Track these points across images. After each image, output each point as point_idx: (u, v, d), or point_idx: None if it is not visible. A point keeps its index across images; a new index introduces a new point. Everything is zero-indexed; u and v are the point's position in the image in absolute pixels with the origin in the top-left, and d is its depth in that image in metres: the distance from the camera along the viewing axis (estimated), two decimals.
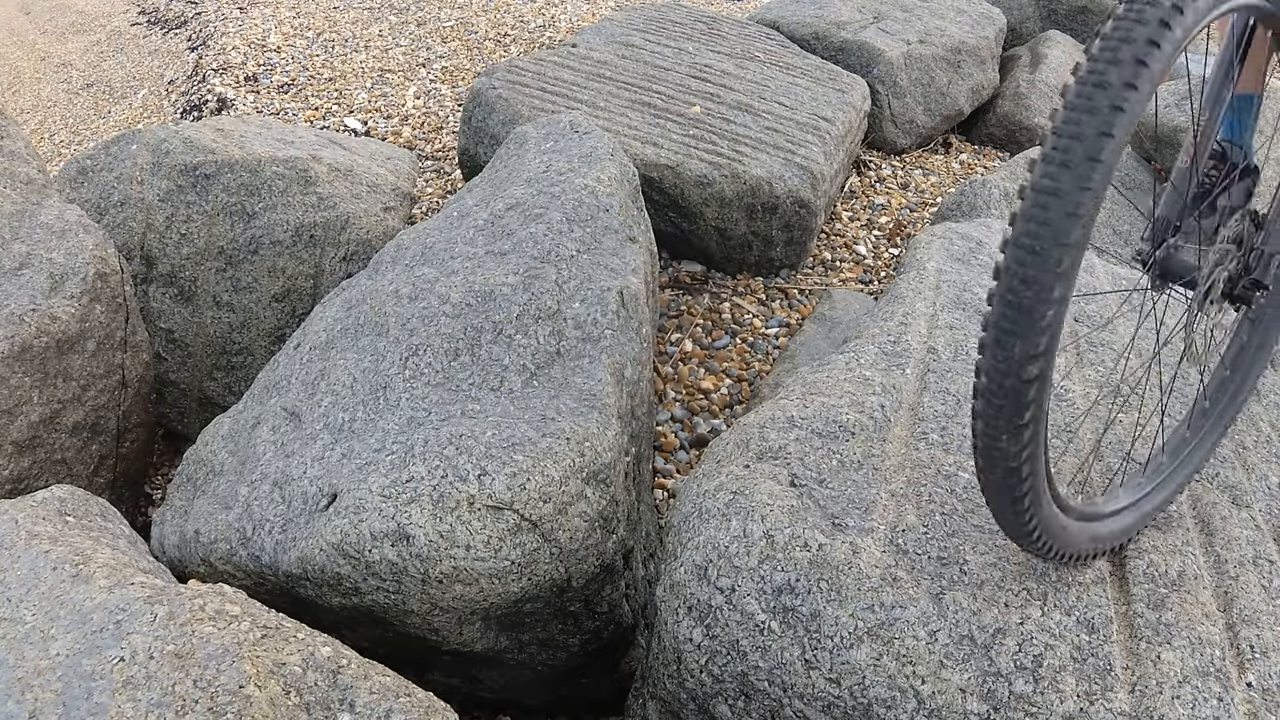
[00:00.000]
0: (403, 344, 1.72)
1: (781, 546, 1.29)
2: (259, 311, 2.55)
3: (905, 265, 2.13)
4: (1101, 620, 1.21)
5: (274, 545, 1.53)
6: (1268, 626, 1.24)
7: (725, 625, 1.27)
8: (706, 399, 2.38)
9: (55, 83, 5.75)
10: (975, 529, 1.33)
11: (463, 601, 1.45)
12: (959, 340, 1.75)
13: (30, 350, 1.94)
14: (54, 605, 1.23)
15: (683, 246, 2.81)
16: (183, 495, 1.75)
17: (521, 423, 1.52)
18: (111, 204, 2.61)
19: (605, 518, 1.51)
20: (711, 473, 1.46)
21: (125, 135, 2.74)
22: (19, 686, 1.13)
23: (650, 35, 3.47)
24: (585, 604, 1.56)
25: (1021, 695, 1.14)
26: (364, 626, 1.54)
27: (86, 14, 6.61)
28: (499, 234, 1.93)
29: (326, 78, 4.35)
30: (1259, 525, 1.42)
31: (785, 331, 2.64)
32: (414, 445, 1.50)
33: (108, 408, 2.14)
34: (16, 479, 1.93)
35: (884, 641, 1.19)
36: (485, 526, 1.41)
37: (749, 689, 1.26)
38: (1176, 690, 1.14)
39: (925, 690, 1.16)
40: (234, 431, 1.79)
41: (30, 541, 1.34)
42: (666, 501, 2.11)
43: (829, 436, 1.49)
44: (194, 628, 1.20)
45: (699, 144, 2.80)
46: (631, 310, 1.77)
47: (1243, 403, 1.57)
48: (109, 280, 2.16)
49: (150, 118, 4.74)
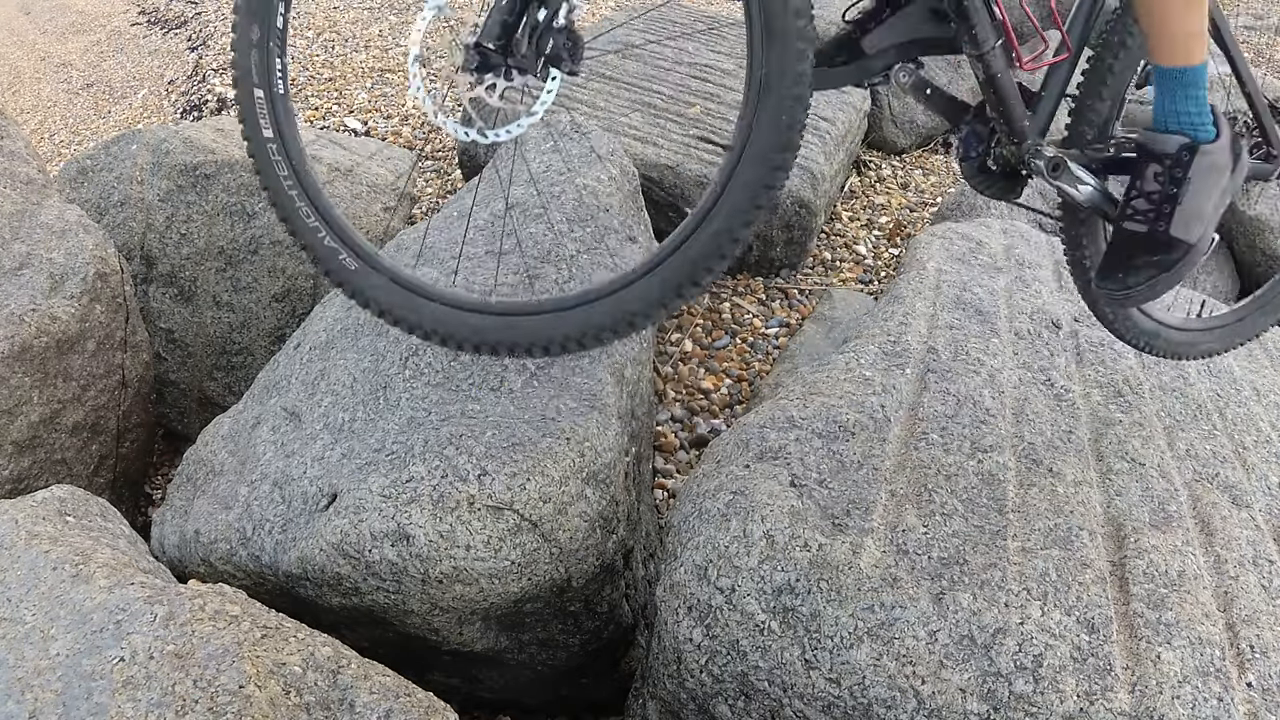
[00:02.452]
0: (403, 344, 1.72)
1: (781, 547, 1.29)
2: (259, 311, 2.55)
3: (905, 265, 2.13)
4: (1101, 620, 1.21)
5: (274, 545, 1.53)
6: (1268, 626, 1.24)
7: (725, 625, 1.27)
8: (706, 399, 2.38)
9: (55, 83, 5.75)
10: (975, 529, 1.33)
11: (463, 601, 1.45)
12: (959, 340, 1.75)
13: (30, 350, 1.94)
14: (54, 605, 1.23)
15: None
16: (183, 495, 1.75)
17: (521, 423, 1.52)
18: (111, 204, 2.61)
19: (605, 518, 1.51)
20: (711, 473, 1.46)
21: (125, 135, 2.74)
22: (19, 686, 1.13)
23: (650, 35, 3.47)
24: (585, 604, 1.56)
25: (1021, 695, 1.14)
26: (364, 626, 1.54)
27: (86, 14, 6.61)
28: (499, 234, 1.93)
29: (326, 78, 4.35)
30: (1259, 525, 1.42)
31: (785, 331, 2.63)
32: (414, 445, 1.50)
33: (108, 408, 2.14)
34: (16, 479, 1.93)
35: (884, 642, 1.19)
36: (485, 526, 1.41)
37: (749, 689, 1.26)
38: (1176, 690, 1.14)
39: (925, 690, 1.16)
40: (234, 431, 1.79)
41: (30, 541, 1.34)
42: (666, 501, 2.11)
43: (829, 436, 1.49)
44: (194, 628, 1.20)
45: (699, 144, 2.80)
46: None
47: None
48: (109, 280, 2.16)
49: (150, 118, 4.74)
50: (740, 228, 1.25)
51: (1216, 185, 1.40)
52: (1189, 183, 1.37)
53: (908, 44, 1.38)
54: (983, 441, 1.50)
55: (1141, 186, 1.39)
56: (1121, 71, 1.43)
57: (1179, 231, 1.38)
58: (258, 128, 1.40)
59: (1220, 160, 1.39)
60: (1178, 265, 1.39)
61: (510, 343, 1.41)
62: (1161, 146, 1.38)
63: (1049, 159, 1.44)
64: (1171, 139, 1.37)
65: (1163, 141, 1.38)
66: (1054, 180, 1.45)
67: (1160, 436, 1.60)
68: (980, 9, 1.32)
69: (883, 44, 1.38)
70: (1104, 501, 1.41)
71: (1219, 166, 1.39)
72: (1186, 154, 1.37)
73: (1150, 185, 1.39)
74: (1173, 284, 1.41)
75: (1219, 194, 1.40)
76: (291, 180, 1.42)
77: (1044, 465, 1.46)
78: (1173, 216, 1.38)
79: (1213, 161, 1.38)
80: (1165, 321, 1.68)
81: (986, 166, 1.48)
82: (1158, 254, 1.39)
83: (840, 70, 1.41)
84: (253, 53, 1.36)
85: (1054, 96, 1.45)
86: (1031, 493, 1.40)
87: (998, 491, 1.40)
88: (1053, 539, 1.32)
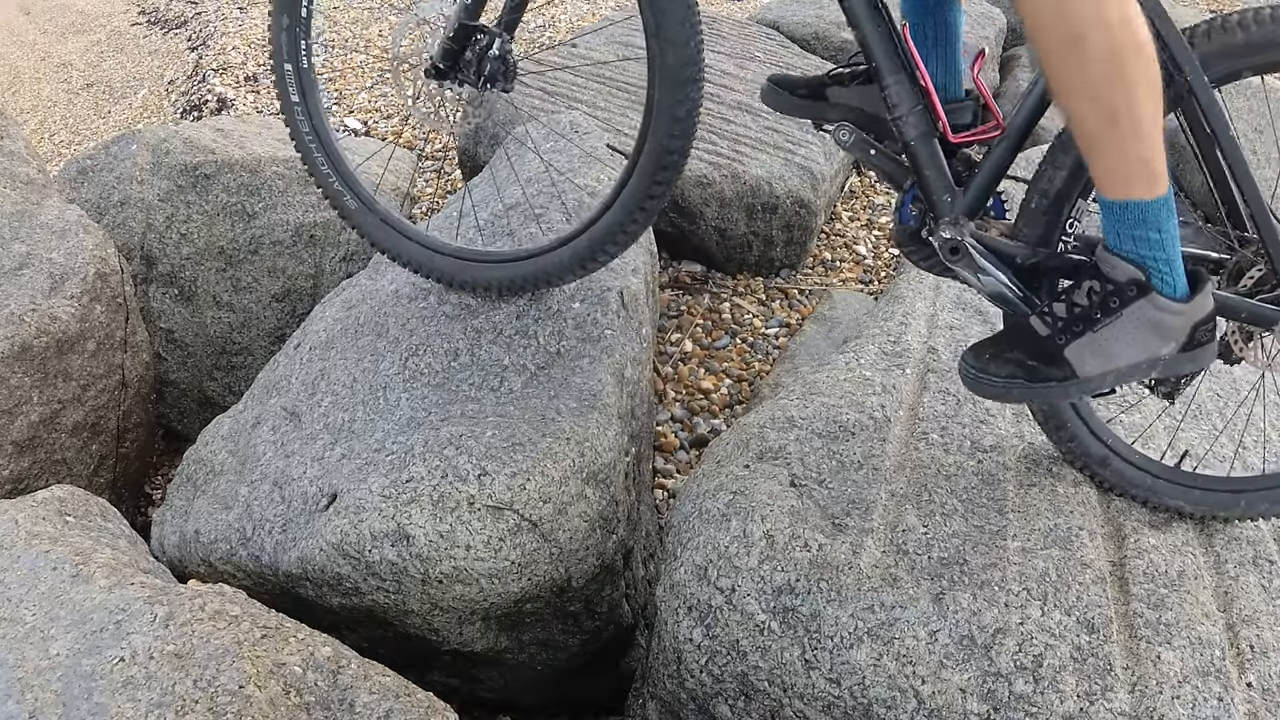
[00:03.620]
0: (402, 344, 1.72)
1: (781, 547, 1.29)
2: (259, 311, 2.55)
3: (905, 265, 2.13)
4: (1101, 620, 1.21)
5: (274, 545, 1.53)
6: (1268, 626, 1.24)
7: (725, 625, 1.27)
8: (706, 399, 2.38)
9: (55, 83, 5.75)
10: (975, 529, 1.33)
11: (463, 601, 1.45)
12: (959, 340, 1.75)
13: (30, 350, 1.94)
14: (54, 605, 1.23)
15: (683, 246, 2.80)
16: (183, 495, 1.75)
17: (521, 423, 1.52)
18: (111, 204, 2.61)
19: (605, 518, 1.51)
20: (711, 473, 1.46)
21: (125, 135, 2.74)
22: (19, 686, 1.13)
23: None
24: (585, 604, 1.56)
25: (1021, 695, 1.14)
26: (364, 626, 1.54)
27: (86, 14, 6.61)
28: (499, 234, 1.93)
29: (326, 78, 4.35)
30: (1259, 525, 1.42)
31: (785, 331, 2.63)
32: (414, 445, 1.50)
33: (108, 408, 2.14)
34: (16, 479, 1.93)
35: (884, 642, 1.19)
36: (485, 527, 1.41)
37: (749, 689, 1.26)
38: (1176, 690, 1.14)
39: (925, 690, 1.16)
40: (234, 431, 1.79)
41: (30, 541, 1.34)
42: (666, 501, 2.11)
43: (829, 436, 1.49)
44: (194, 628, 1.20)
45: (699, 144, 2.80)
46: (631, 310, 1.77)
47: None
48: (109, 280, 2.16)
49: (150, 118, 4.74)
50: (630, 223, 1.54)
51: (1145, 346, 1.18)
52: (1118, 319, 1.18)
53: (859, 111, 1.40)
54: (983, 441, 1.50)
55: (1071, 295, 1.22)
56: (1066, 181, 1.24)
57: (1072, 355, 1.21)
58: (288, 94, 1.74)
59: (1169, 325, 1.17)
60: (1047, 385, 1.23)
61: (461, 280, 1.75)
62: (1109, 269, 1.18)
63: (945, 240, 1.28)
64: (1123, 266, 1.16)
65: (1112, 264, 1.17)
66: (951, 263, 1.29)
67: (1160, 436, 1.60)
68: (897, 70, 1.25)
69: (840, 100, 1.42)
70: (1104, 501, 1.41)
71: (1164, 330, 1.17)
72: (1133, 290, 1.16)
73: (1079, 299, 1.20)
74: (1028, 399, 1.27)
75: (1145, 357, 1.19)
76: (311, 135, 1.77)
77: (1044, 465, 1.46)
78: (1078, 337, 1.20)
79: (1159, 320, 1.16)
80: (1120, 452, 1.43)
81: (919, 235, 1.34)
82: (1036, 361, 1.23)
83: (800, 102, 1.44)
84: (283, 35, 1.70)
85: (986, 175, 1.27)
86: (1031, 493, 1.40)
87: (998, 491, 1.40)
88: (1053, 539, 1.32)
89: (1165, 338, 1.18)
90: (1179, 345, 1.18)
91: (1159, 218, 1.11)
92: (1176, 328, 1.17)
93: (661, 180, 1.48)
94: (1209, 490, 1.39)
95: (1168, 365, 1.20)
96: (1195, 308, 1.17)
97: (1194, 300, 1.16)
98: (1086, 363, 1.21)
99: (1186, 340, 1.18)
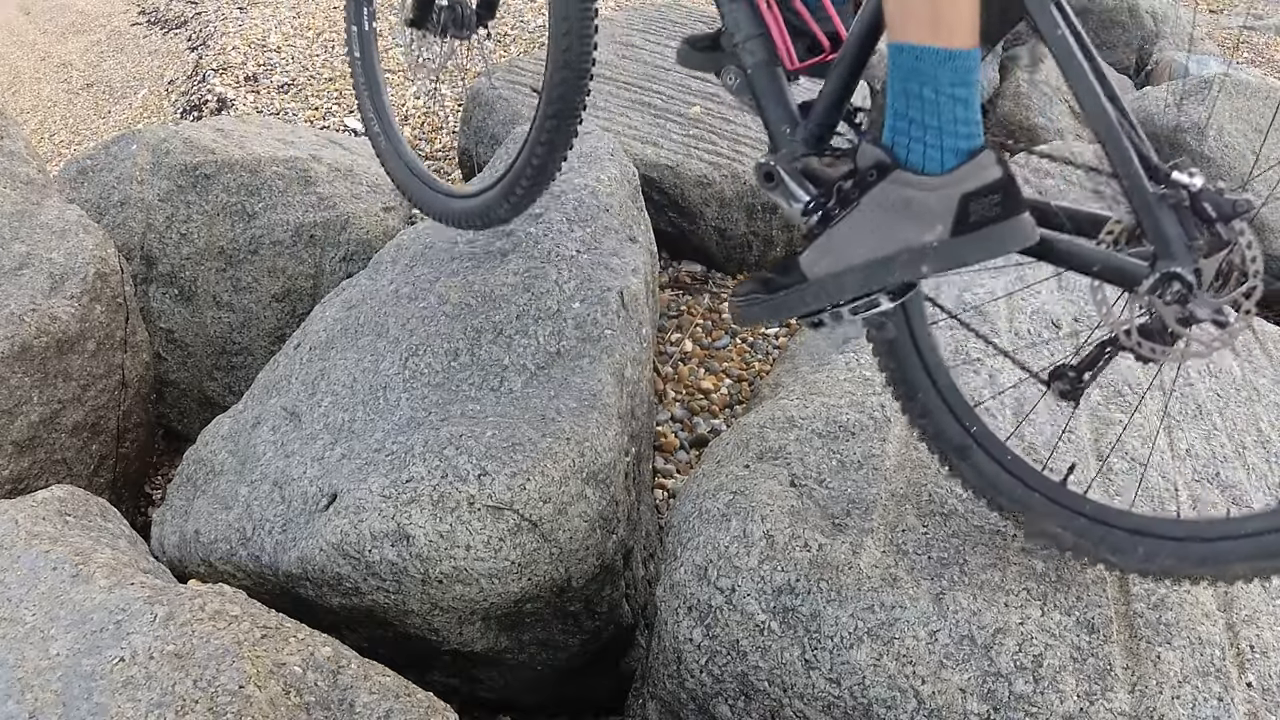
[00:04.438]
0: (403, 344, 1.72)
1: (781, 547, 1.29)
2: (259, 311, 2.55)
3: None
4: (1101, 620, 1.21)
5: (274, 545, 1.53)
6: (1268, 626, 1.24)
7: (725, 625, 1.27)
8: (706, 399, 2.38)
9: (55, 83, 5.75)
10: (975, 529, 1.33)
11: (463, 601, 1.45)
12: (959, 340, 1.75)
13: (30, 350, 1.94)
14: (54, 605, 1.23)
15: (683, 246, 2.81)
16: (183, 495, 1.75)
17: (521, 423, 1.52)
18: (111, 204, 2.61)
19: (605, 518, 1.51)
20: (711, 473, 1.47)
21: (125, 135, 2.74)
22: (19, 686, 1.13)
23: (650, 35, 3.47)
24: (585, 604, 1.56)
25: (1021, 695, 1.14)
26: (364, 626, 1.54)
27: (86, 14, 6.61)
28: (499, 234, 1.93)
29: (326, 78, 4.36)
30: None
31: (785, 331, 2.63)
32: (414, 445, 1.50)
33: (108, 408, 2.14)
34: (16, 479, 1.93)
35: (884, 642, 1.19)
36: (485, 527, 1.41)
37: (749, 689, 1.26)
38: (1176, 690, 1.14)
39: (925, 690, 1.16)
40: (234, 431, 1.79)
41: (30, 541, 1.34)
42: (666, 501, 2.11)
43: (829, 436, 1.49)
44: (194, 628, 1.20)
45: (699, 144, 2.80)
46: (632, 310, 1.77)
47: None
48: (109, 280, 2.16)
49: (150, 118, 4.74)
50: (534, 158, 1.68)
51: (894, 235, 1.01)
52: (855, 210, 1.04)
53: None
54: None
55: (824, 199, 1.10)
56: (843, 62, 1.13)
57: (805, 259, 1.09)
58: (351, 50, 2.02)
59: (923, 204, 0.99)
60: (776, 296, 1.11)
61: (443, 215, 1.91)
62: (860, 160, 1.05)
63: (759, 165, 1.17)
64: (871, 151, 1.03)
65: (863, 153, 1.04)
66: (767, 191, 1.17)
67: (1160, 436, 1.60)
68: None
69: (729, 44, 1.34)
70: (1104, 501, 1.41)
71: (917, 211, 0.99)
72: (873, 174, 1.02)
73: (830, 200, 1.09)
74: (767, 315, 1.14)
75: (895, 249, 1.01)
76: (364, 84, 2.04)
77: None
78: (812, 241, 1.09)
79: (908, 199, 0.99)
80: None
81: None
82: (774, 273, 1.12)
83: (700, 55, 1.34)
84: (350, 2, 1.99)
85: (825, 101, 1.15)
86: None
87: None
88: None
89: (922, 220, 0.99)
90: (947, 228, 0.99)
91: (935, 73, 0.95)
92: (933, 206, 0.99)
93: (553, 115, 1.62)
94: (1100, 523, 1.14)
95: (940, 255, 1.00)
96: (958, 178, 0.97)
97: (955, 170, 0.98)
98: (816, 264, 1.08)
99: (957, 219, 0.98)
